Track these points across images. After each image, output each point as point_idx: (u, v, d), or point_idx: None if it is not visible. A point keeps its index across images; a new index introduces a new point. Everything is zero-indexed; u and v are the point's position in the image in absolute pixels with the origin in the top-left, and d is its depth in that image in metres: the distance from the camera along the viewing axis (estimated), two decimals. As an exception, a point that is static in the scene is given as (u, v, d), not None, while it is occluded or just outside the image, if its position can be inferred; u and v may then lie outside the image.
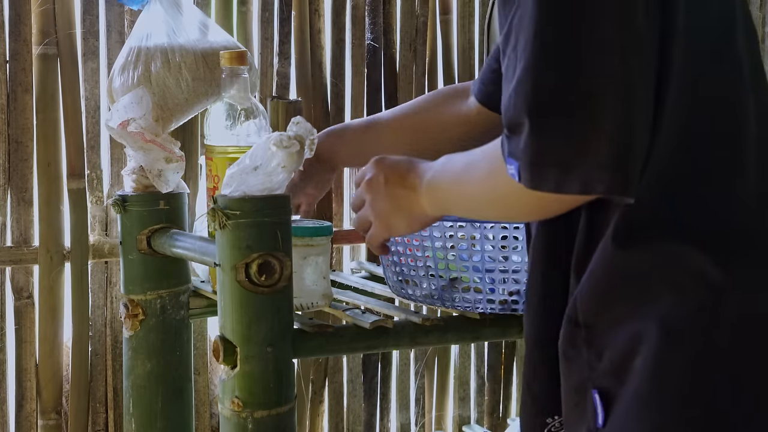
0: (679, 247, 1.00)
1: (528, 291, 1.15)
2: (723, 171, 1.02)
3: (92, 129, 1.99)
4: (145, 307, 1.72)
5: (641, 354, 1.00)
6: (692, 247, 0.99)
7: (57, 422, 2.00)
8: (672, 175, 1.00)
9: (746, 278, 1.00)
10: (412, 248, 1.52)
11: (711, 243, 1.00)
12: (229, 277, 1.37)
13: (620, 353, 1.02)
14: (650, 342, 0.99)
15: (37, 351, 1.98)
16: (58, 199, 1.97)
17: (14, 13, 1.91)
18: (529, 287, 1.14)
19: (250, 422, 1.38)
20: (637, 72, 0.92)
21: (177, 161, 1.68)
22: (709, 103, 1.02)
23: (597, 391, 1.03)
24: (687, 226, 1.00)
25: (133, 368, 1.74)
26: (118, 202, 1.71)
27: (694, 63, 1.00)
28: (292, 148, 1.35)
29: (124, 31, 1.99)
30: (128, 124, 1.64)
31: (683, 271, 0.99)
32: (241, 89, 1.61)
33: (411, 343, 1.56)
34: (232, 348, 1.38)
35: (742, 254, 1.01)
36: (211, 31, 1.79)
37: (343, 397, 2.29)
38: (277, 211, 1.39)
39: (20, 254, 1.94)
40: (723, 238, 1.01)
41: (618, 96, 0.91)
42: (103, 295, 2.02)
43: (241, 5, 2.10)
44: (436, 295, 1.52)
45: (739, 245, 1.01)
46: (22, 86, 1.93)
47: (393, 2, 2.26)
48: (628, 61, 0.91)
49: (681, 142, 1.00)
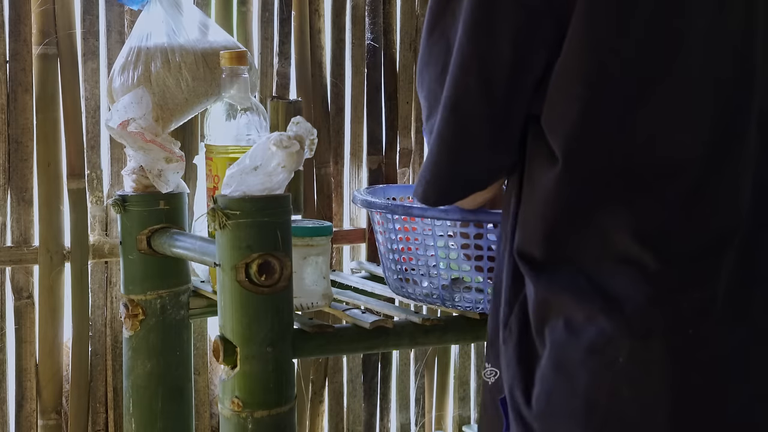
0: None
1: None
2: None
3: (92, 129, 1.99)
4: (145, 307, 1.72)
5: (540, 369, 1.07)
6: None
7: (57, 422, 1.99)
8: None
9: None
10: (413, 247, 1.52)
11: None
12: (229, 277, 1.37)
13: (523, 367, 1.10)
14: (544, 369, 1.07)
15: (37, 351, 1.98)
16: (58, 199, 1.97)
17: (14, 13, 1.91)
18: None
19: (250, 422, 1.38)
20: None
21: (177, 161, 1.68)
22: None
23: (501, 401, 1.13)
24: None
25: (133, 368, 1.74)
26: (118, 202, 1.71)
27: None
28: (292, 148, 1.35)
29: (124, 31, 1.99)
30: (128, 124, 1.64)
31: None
32: (241, 89, 1.61)
33: (411, 343, 1.56)
34: (232, 348, 1.38)
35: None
36: (211, 31, 1.79)
37: (343, 397, 2.29)
38: (277, 211, 1.39)
39: (20, 254, 1.94)
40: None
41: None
42: (103, 295, 2.02)
43: (241, 5, 2.10)
44: (436, 294, 1.52)
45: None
46: (22, 86, 1.93)
47: (393, 2, 2.26)
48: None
49: None
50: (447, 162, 1.14)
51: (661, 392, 1.02)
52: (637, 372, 1.03)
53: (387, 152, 2.26)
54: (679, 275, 1.04)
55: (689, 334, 1.02)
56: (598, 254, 1.06)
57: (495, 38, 1.05)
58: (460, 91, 1.09)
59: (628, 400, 1.03)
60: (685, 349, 1.02)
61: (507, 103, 1.08)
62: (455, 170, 1.15)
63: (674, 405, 1.02)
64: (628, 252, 1.04)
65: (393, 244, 1.54)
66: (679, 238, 1.04)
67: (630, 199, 1.05)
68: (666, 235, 1.04)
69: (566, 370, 1.05)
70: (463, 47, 1.08)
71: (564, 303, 1.06)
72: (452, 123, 1.10)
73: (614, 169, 1.05)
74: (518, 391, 1.10)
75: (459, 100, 1.09)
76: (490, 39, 1.06)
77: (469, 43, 1.07)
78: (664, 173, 1.04)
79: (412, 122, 2.29)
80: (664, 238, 1.04)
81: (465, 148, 1.12)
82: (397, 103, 2.26)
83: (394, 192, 1.76)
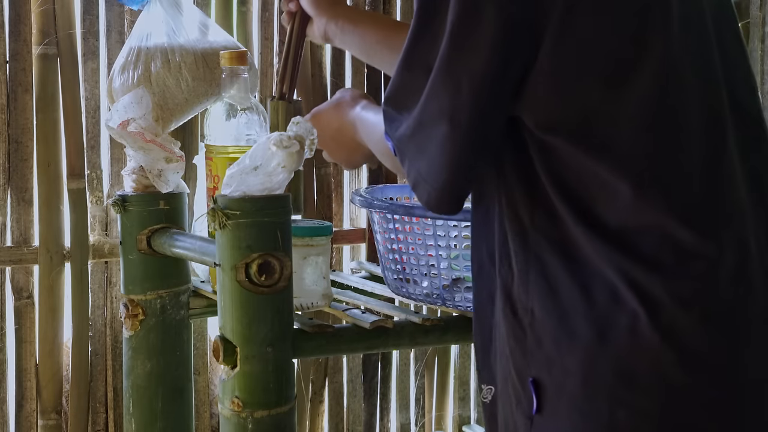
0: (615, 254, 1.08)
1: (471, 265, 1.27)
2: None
3: (92, 129, 1.99)
4: (145, 307, 1.72)
5: (574, 353, 1.08)
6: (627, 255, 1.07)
7: (57, 422, 2.00)
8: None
9: (681, 289, 1.06)
10: (414, 247, 1.52)
11: (644, 252, 1.07)
12: (229, 277, 1.37)
13: (555, 344, 1.10)
14: (582, 340, 1.08)
15: (37, 351, 1.98)
16: (58, 199, 1.97)
17: (14, 13, 1.91)
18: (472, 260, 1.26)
19: (250, 422, 1.38)
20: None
21: (177, 161, 1.68)
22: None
23: (532, 380, 1.13)
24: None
25: (133, 368, 1.74)
26: (118, 202, 1.71)
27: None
28: (292, 148, 1.35)
29: (124, 31, 1.99)
30: (128, 124, 1.64)
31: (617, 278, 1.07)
32: (241, 89, 1.61)
33: (411, 343, 1.56)
34: (232, 348, 1.38)
35: (674, 267, 1.07)
36: (211, 31, 1.79)
37: (343, 397, 2.29)
38: (277, 211, 1.39)
39: (20, 254, 1.94)
40: (656, 249, 1.07)
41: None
42: (103, 295, 2.02)
43: (241, 5, 2.10)
44: (436, 294, 1.52)
45: (674, 256, 1.07)
46: (22, 86, 1.93)
47: (393, 2, 2.26)
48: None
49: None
50: (450, 172, 1.14)
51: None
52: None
53: (387, 152, 2.26)
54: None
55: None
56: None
57: (480, 52, 1.07)
58: (458, 106, 1.10)
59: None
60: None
61: (494, 112, 1.10)
62: (457, 178, 1.15)
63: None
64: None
65: (392, 244, 1.54)
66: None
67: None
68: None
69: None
70: (450, 61, 1.09)
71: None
72: (453, 137, 1.11)
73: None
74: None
75: (458, 115, 1.10)
76: (476, 54, 1.08)
77: (459, 61, 1.09)
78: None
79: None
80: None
81: (464, 158, 1.13)
82: (397, 103, 2.26)
83: (393, 192, 1.76)
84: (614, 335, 1.07)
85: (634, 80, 1.06)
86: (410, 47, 1.14)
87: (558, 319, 1.11)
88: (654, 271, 1.06)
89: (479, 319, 1.25)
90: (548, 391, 1.12)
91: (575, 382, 1.09)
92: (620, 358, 1.06)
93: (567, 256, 1.10)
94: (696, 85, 1.09)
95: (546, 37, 1.05)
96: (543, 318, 1.12)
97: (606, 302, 1.07)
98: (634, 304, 1.05)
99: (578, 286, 1.09)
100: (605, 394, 1.07)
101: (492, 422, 1.23)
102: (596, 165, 1.07)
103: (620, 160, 1.07)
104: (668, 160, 1.07)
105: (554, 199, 1.11)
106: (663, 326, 1.05)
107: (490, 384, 1.23)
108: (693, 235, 1.06)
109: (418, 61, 1.13)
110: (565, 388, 1.10)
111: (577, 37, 1.05)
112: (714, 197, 1.08)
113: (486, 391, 1.23)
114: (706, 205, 1.08)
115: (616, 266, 1.07)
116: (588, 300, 1.09)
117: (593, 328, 1.08)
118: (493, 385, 1.22)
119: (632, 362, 1.06)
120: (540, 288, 1.13)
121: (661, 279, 1.06)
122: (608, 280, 1.07)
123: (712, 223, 1.08)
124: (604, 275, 1.08)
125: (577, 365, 1.09)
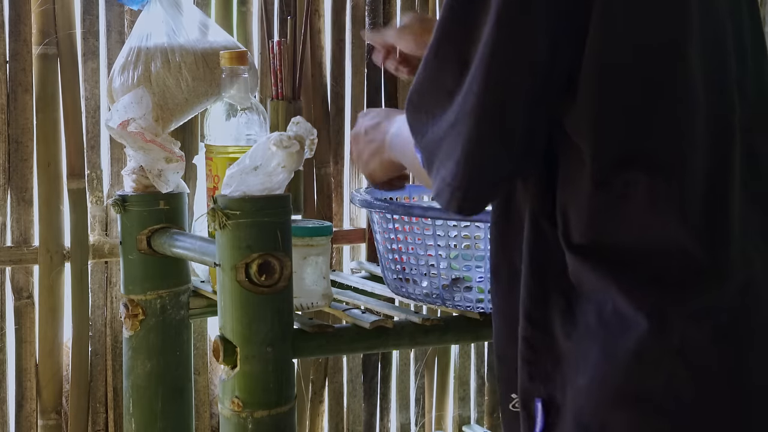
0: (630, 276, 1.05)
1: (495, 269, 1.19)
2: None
3: (92, 129, 1.99)
4: (145, 307, 1.72)
5: (586, 372, 1.06)
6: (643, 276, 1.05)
7: (57, 422, 2.00)
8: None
9: (697, 308, 1.03)
10: (414, 247, 1.52)
11: (662, 270, 1.04)
12: (229, 277, 1.38)
13: (571, 366, 1.07)
14: (593, 361, 1.05)
15: (37, 351, 1.98)
16: (58, 199, 1.97)
17: (14, 13, 1.91)
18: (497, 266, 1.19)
19: (250, 422, 1.38)
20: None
21: (177, 161, 1.68)
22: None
23: (541, 400, 1.10)
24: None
25: (133, 368, 1.74)
26: (118, 202, 1.71)
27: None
28: (292, 148, 1.35)
29: (124, 31, 1.99)
30: (128, 124, 1.64)
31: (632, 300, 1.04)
32: (241, 89, 1.61)
33: (411, 343, 1.56)
34: (232, 348, 1.38)
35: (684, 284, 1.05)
36: (211, 31, 1.79)
37: (343, 397, 2.29)
38: (277, 211, 1.39)
39: (20, 254, 1.94)
40: (668, 267, 1.05)
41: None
42: (103, 295, 2.02)
43: (241, 5, 2.10)
44: (436, 294, 1.52)
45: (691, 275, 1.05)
46: (22, 86, 1.93)
47: (393, 2, 2.26)
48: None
49: None
50: (479, 170, 1.06)
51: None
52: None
53: (387, 152, 2.26)
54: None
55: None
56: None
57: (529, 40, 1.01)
58: (495, 90, 1.02)
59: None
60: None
61: (538, 108, 1.04)
62: (487, 177, 1.08)
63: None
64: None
65: (392, 244, 1.54)
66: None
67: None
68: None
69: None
70: (491, 55, 1.02)
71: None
72: (485, 124, 1.03)
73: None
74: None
75: (492, 110, 1.03)
76: (525, 41, 1.01)
77: (500, 52, 1.01)
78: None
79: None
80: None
81: (498, 153, 1.06)
82: (397, 103, 2.26)
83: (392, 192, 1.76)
84: (625, 356, 1.04)
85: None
86: (440, 40, 1.06)
87: (575, 340, 1.08)
88: (664, 290, 1.04)
89: (509, 323, 1.16)
90: (559, 411, 1.09)
91: (587, 403, 1.06)
92: (631, 379, 1.04)
93: (578, 272, 1.07)
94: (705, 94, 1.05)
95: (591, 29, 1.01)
96: (560, 338, 1.09)
97: (617, 322, 1.04)
98: (645, 324, 1.03)
99: (593, 305, 1.06)
100: (621, 415, 1.05)
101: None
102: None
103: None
104: (674, 173, 1.04)
105: (569, 213, 1.07)
106: (675, 345, 1.03)
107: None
108: (703, 252, 1.04)
109: (451, 54, 1.05)
110: (576, 408, 1.07)
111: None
112: (720, 211, 1.06)
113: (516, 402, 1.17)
114: (713, 219, 1.05)
115: (625, 286, 1.04)
116: (600, 320, 1.06)
117: (605, 349, 1.05)
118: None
119: (645, 383, 1.03)
120: (558, 306, 1.09)
121: (672, 298, 1.03)
122: (618, 299, 1.04)
123: (720, 239, 1.05)
124: (613, 295, 1.05)
125: (589, 386, 1.06)
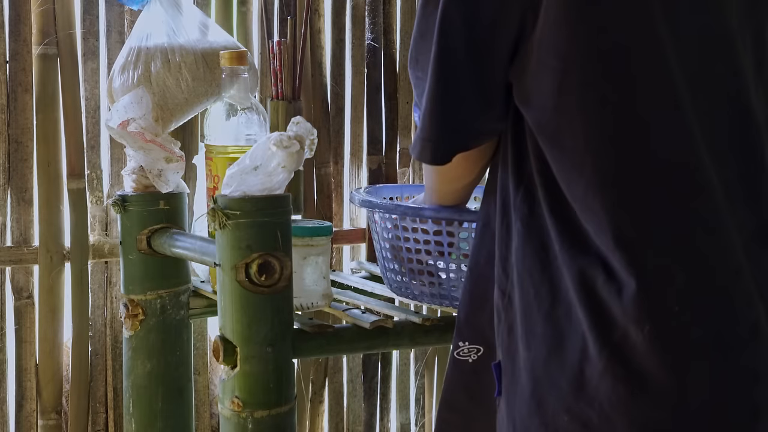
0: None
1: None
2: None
3: (92, 129, 1.99)
4: (145, 307, 1.72)
5: (530, 349, 1.09)
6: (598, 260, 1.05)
7: (57, 422, 1.99)
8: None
9: (635, 305, 1.03)
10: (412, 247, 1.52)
11: (602, 260, 1.05)
12: (229, 277, 1.38)
13: (519, 335, 1.11)
14: (540, 339, 1.08)
15: (37, 351, 1.98)
16: (58, 199, 1.97)
17: (14, 13, 1.91)
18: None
19: (250, 422, 1.38)
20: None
21: (177, 161, 1.68)
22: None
23: (496, 364, 1.15)
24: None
25: (133, 368, 1.74)
26: (118, 202, 1.71)
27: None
28: (292, 148, 1.35)
29: (124, 31, 1.99)
30: (128, 124, 1.64)
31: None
32: (241, 89, 1.61)
33: (411, 343, 1.56)
34: (232, 348, 1.38)
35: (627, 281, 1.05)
36: (211, 31, 1.79)
37: (343, 397, 2.29)
38: (277, 211, 1.39)
39: (20, 254, 1.94)
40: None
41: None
42: (103, 295, 2.02)
43: (241, 5, 2.10)
44: (436, 294, 1.53)
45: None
46: (22, 86, 1.93)
47: (393, 2, 2.26)
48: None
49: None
50: (441, 119, 1.14)
51: None
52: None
53: (387, 152, 2.26)
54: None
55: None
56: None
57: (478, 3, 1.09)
58: (447, 47, 1.11)
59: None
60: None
61: (491, 60, 1.10)
62: (450, 126, 1.15)
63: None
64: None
65: (392, 243, 1.54)
66: None
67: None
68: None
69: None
70: (447, 8, 1.10)
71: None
72: (443, 79, 1.11)
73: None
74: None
75: (447, 57, 1.11)
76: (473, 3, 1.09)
77: (452, 4, 1.10)
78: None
79: (412, 122, 2.29)
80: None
81: (458, 104, 1.13)
82: (397, 103, 2.26)
83: (392, 191, 1.76)
84: (569, 343, 1.05)
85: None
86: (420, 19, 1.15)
87: (524, 311, 1.10)
88: (610, 281, 1.04)
89: (474, 275, 1.22)
90: (506, 379, 1.12)
91: (528, 377, 1.08)
92: (572, 366, 1.05)
93: (541, 245, 1.09)
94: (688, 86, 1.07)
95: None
96: (517, 304, 1.11)
97: (567, 305, 1.05)
98: (588, 315, 1.03)
99: (547, 281, 1.08)
100: (554, 396, 1.06)
101: (473, 382, 1.21)
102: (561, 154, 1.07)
103: (581, 155, 1.06)
104: (628, 163, 1.05)
105: (536, 180, 1.10)
106: (615, 341, 1.03)
107: (475, 343, 1.21)
108: (650, 252, 1.03)
109: (429, 27, 1.13)
110: (520, 381, 1.10)
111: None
112: (675, 211, 1.05)
113: (468, 350, 1.21)
114: (663, 218, 1.05)
115: (578, 268, 1.05)
116: (553, 298, 1.07)
117: (552, 328, 1.07)
118: (481, 346, 1.21)
119: (583, 372, 1.04)
120: (518, 274, 1.11)
121: (617, 291, 1.03)
122: (572, 279, 1.05)
123: (667, 239, 1.04)
124: (569, 274, 1.06)
125: (532, 361, 1.08)
